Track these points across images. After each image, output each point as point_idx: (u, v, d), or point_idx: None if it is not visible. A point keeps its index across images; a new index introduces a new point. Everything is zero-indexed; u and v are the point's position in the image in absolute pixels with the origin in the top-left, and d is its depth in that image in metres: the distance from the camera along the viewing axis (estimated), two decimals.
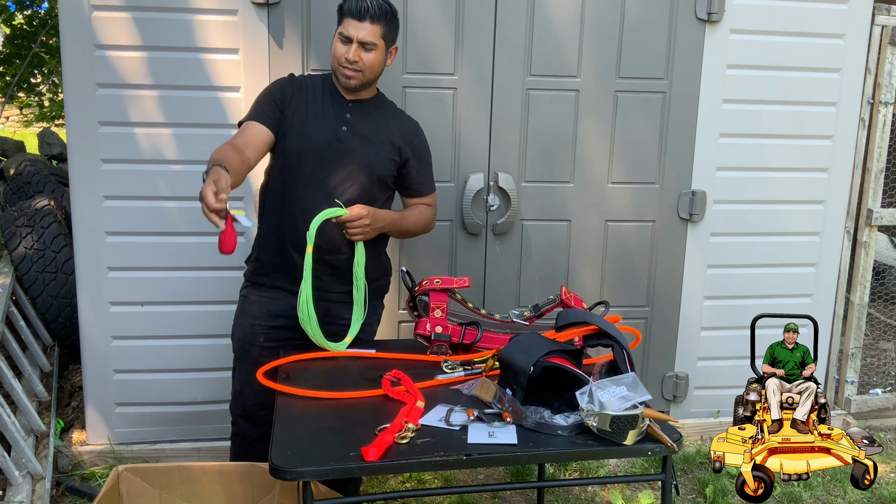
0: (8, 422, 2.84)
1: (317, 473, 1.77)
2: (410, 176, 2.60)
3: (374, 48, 2.42)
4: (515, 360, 2.01)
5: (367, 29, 2.39)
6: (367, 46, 2.41)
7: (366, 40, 2.40)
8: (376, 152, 2.50)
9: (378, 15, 2.40)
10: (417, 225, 2.65)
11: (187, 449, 3.27)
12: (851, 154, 3.56)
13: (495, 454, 1.85)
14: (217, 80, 3.02)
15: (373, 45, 2.41)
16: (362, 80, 2.46)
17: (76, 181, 3.05)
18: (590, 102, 3.30)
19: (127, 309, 3.17)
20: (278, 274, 2.53)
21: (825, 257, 3.62)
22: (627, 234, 3.45)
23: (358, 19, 2.38)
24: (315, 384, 2.18)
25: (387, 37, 2.45)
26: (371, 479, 3.15)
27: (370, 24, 2.39)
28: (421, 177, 2.62)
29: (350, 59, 2.41)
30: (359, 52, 2.41)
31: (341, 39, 2.43)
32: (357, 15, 2.38)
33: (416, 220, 2.63)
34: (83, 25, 2.94)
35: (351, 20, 2.40)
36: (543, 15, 3.19)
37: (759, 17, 3.33)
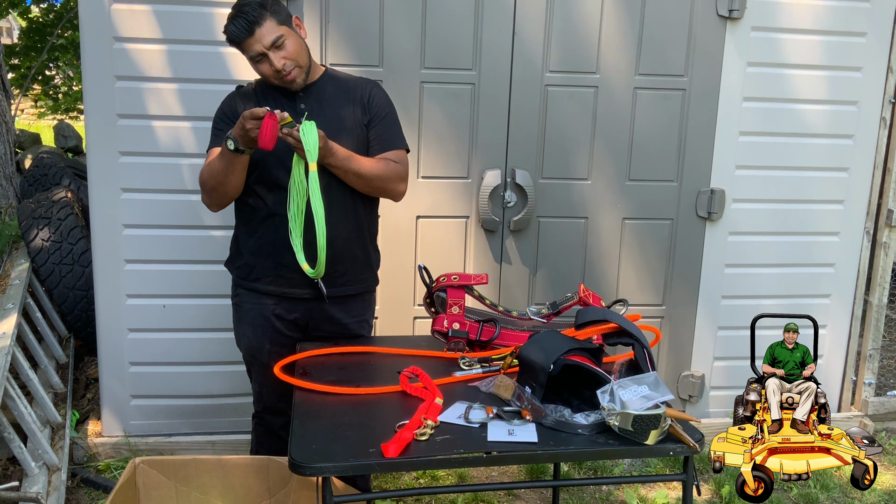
0: (24, 412, 2.85)
1: (336, 469, 1.76)
2: (373, 134, 2.49)
3: (283, 39, 2.31)
4: (535, 358, 1.99)
5: (264, 33, 2.28)
6: (278, 43, 2.30)
7: (272, 41, 2.29)
8: (341, 127, 2.42)
9: (259, 16, 2.28)
10: (373, 171, 2.41)
11: (202, 442, 3.28)
12: (872, 153, 3.52)
13: (516, 452, 1.84)
14: (236, 74, 3.02)
15: (281, 39, 2.31)
16: (302, 73, 2.38)
17: (94, 173, 3.06)
18: (608, 99, 3.28)
19: (143, 301, 3.17)
20: (269, 277, 2.48)
21: (844, 258, 3.59)
22: (645, 232, 3.43)
23: (250, 35, 2.28)
24: (332, 379, 2.17)
25: (283, 20, 2.34)
26: (384, 475, 3.15)
27: (260, 28, 2.28)
28: (381, 131, 2.48)
29: (278, 68, 2.31)
30: (277, 55, 2.30)
31: (255, 61, 2.33)
32: (247, 32, 2.28)
33: (373, 165, 2.42)
34: (102, 18, 2.94)
35: (246, 41, 2.29)
36: (563, 10, 3.17)
37: (781, 14, 3.30)
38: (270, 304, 2.50)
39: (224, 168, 2.33)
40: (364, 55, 3.11)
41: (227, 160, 2.30)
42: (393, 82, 3.12)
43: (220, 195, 2.43)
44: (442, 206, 3.28)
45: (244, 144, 2.24)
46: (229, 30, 2.31)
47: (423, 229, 3.29)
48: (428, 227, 3.29)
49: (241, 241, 2.53)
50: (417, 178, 3.22)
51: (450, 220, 3.30)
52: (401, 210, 3.08)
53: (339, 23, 3.04)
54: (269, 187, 2.41)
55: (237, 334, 2.60)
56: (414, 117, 3.17)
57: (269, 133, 2.16)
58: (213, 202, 2.47)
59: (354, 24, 3.08)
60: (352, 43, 3.09)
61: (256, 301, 2.52)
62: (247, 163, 2.34)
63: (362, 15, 3.08)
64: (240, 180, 2.38)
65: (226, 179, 2.36)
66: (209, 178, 2.39)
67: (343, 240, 2.44)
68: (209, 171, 2.39)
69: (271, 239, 2.45)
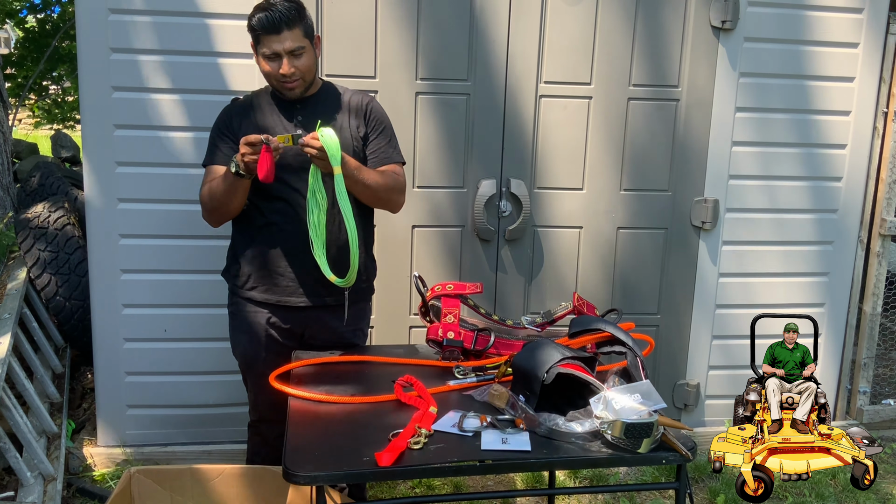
0: (20, 422, 2.85)
1: (330, 478, 1.77)
2: (370, 148, 2.51)
3: (303, 51, 2.34)
4: (529, 367, 2.00)
5: (289, 37, 2.30)
6: (297, 52, 2.32)
7: (293, 48, 2.31)
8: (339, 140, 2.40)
9: (291, 18, 2.29)
10: (380, 183, 2.44)
11: (198, 451, 3.28)
12: (865, 163, 3.55)
13: (509, 461, 1.85)
14: (232, 85, 3.03)
15: (301, 49, 2.33)
16: (304, 86, 2.40)
17: (91, 183, 3.07)
18: (602, 110, 3.30)
19: (140, 311, 3.18)
20: (265, 286, 2.49)
21: (838, 267, 3.61)
22: (639, 241, 3.44)
23: (276, 33, 2.29)
24: (327, 388, 2.18)
25: (308, 33, 2.36)
26: (380, 484, 3.15)
27: (288, 30, 2.29)
28: (380, 146, 2.51)
29: (286, 73, 2.33)
30: (291, 62, 2.32)
31: (267, 58, 2.34)
32: (274, 29, 2.28)
33: (378, 177, 2.44)
34: (100, 28, 2.96)
35: (269, 36, 2.30)
36: (557, 21, 3.19)
37: (774, 25, 3.32)
38: (266, 313, 2.51)
39: (226, 190, 2.35)
40: (359, 66, 3.13)
41: (229, 183, 2.32)
42: (388, 93, 3.14)
43: (222, 214, 2.46)
44: (437, 216, 3.30)
45: (244, 170, 2.26)
46: (258, 18, 2.31)
47: (418, 238, 3.30)
48: (423, 236, 3.31)
49: (237, 250, 2.54)
50: (413, 187, 3.23)
51: (445, 229, 3.31)
52: (396, 219, 3.09)
53: (334, 33, 3.06)
54: (266, 197, 2.42)
55: (233, 343, 2.61)
56: (409, 127, 3.18)
57: (266, 166, 2.18)
58: (213, 220, 2.51)
59: (349, 35, 3.10)
60: (347, 54, 3.11)
61: (252, 310, 2.53)
62: (248, 186, 2.35)
63: (357, 26, 3.10)
64: (241, 201, 2.41)
65: (228, 201, 2.38)
66: (211, 199, 2.41)
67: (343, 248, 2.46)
68: (210, 193, 2.40)
69: (267, 248, 2.46)
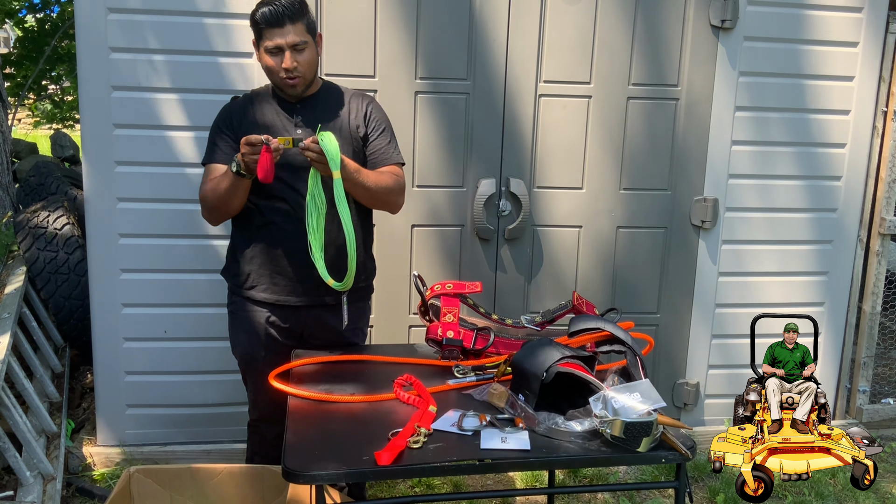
0: (20, 422, 2.85)
1: (330, 477, 1.77)
2: (370, 148, 2.51)
3: (305, 46, 2.34)
4: (528, 366, 2.00)
5: (292, 31, 2.30)
6: (299, 47, 2.33)
7: (295, 42, 2.31)
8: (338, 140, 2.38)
9: (295, 12, 2.30)
10: (380, 184, 2.44)
11: (198, 451, 3.28)
12: (865, 162, 3.55)
13: (508, 460, 1.85)
14: (231, 84, 3.03)
15: (304, 44, 2.33)
16: (305, 84, 2.40)
17: (90, 183, 3.07)
18: (602, 109, 3.30)
19: (139, 311, 3.18)
20: (265, 285, 2.49)
21: (838, 266, 3.61)
22: (639, 240, 3.44)
23: (279, 26, 2.30)
24: (326, 388, 2.18)
25: (311, 29, 2.37)
26: (380, 483, 3.15)
27: (291, 24, 2.30)
28: (380, 147, 2.51)
29: (288, 67, 2.33)
30: (293, 57, 2.32)
31: (270, 52, 2.34)
32: (277, 22, 2.29)
33: (377, 178, 2.44)
34: (99, 28, 2.96)
35: (272, 30, 2.30)
36: (556, 20, 3.19)
37: (773, 24, 3.32)
38: (266, 312, 2.51)
39: (227, 189, 2.35)
40: (358, 65, 3.13)
41: (230, 182, 2.33)
42: (387, 92, 3.14)
43: (222, 213, 2.46)
44: (437, 215, 3.30)
45: (245, 170, 2.27)
46: (262, 12, 2.32)
47: (417, 238, 3.30)
48: (423, 235, 3.30)
49: (237, 249, 2.54)
50: (412, 186, 3.23)
51: (444, 228, 3.31)
52: (396, 219, 3.09)
53: (333, 33, 3.06)
54: (266, 197, 2.42)
55: (233, 342, 2.61)
56: (409, 127, 3.18)
57: (266, 166, 2.18)
58: (213, 218, 2.51)
59: (349, 35, 3.10)
60: (346, 53, 3.11)
61: (252, 309, 2.53)
62: (248, 186, 2.35)
63: (357, 25, 3.10)
64: (242, 200, 2.41)
65: (228, 200, 2.38)
66: (212, 198, 2.41)
67: (341, 249, 2.45)
68: (212, 191, 2.40)
69: (267, 247, 2.46)
